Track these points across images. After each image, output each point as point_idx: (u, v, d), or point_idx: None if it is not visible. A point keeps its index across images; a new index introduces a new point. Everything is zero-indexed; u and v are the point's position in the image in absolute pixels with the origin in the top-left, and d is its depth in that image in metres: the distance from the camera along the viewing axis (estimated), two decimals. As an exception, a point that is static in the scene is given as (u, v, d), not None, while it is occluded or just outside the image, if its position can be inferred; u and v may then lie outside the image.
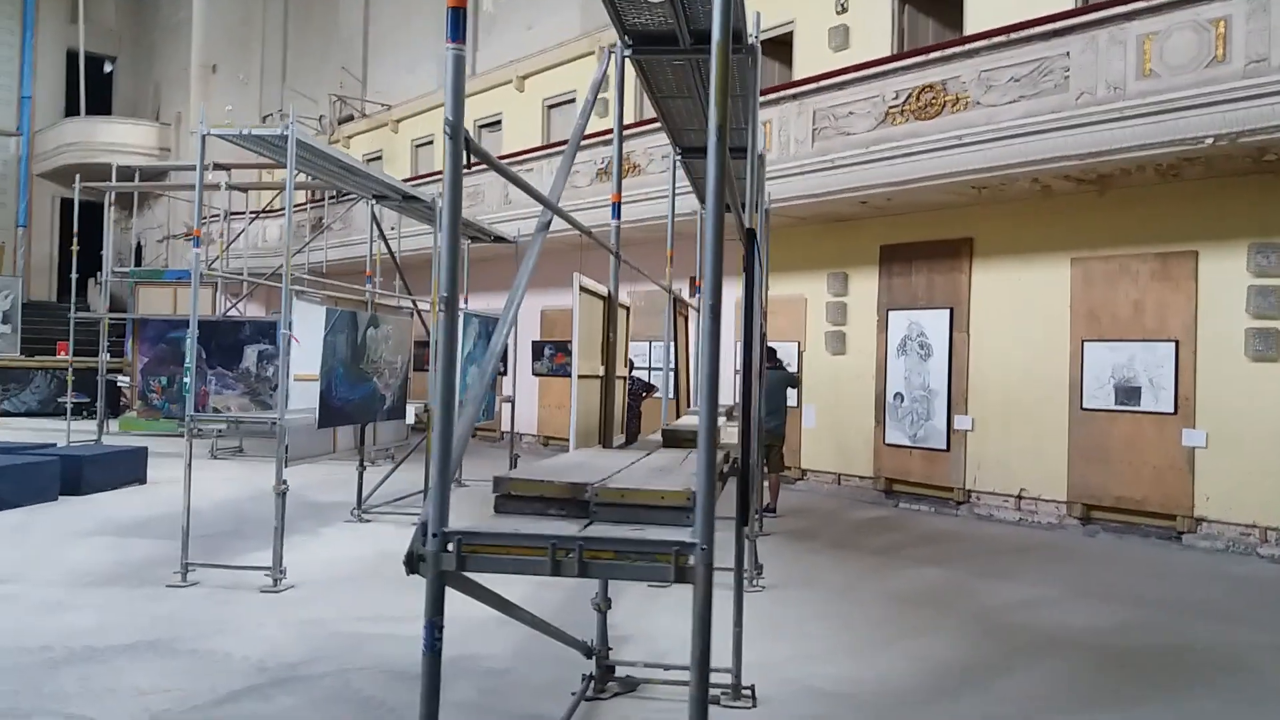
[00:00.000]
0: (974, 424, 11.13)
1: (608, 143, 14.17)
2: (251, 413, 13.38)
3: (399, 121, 21.77)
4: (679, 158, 7.38)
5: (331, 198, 20.25)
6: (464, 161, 2.52)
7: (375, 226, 10.31)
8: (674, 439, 5.23)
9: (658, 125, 13.57)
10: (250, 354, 14.55)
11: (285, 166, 7.01)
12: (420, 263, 14.53)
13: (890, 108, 10.10)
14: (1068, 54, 8.80)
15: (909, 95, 9.99)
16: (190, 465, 7.09)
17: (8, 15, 29.95)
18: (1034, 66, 9.03)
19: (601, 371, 4.94)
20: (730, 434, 5.83)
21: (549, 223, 3.75)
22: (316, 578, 7.23)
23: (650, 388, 12.46)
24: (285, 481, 6.88)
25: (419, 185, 12.39)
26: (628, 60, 5.07)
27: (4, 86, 29.95)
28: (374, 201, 9.93)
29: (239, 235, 18.70)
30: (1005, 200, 10.59)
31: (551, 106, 18.18)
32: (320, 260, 18.70)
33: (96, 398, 15.59)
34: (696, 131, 6.72)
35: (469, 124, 20.27)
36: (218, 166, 19.81)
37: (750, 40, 4.91)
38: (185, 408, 7.00)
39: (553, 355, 18.24)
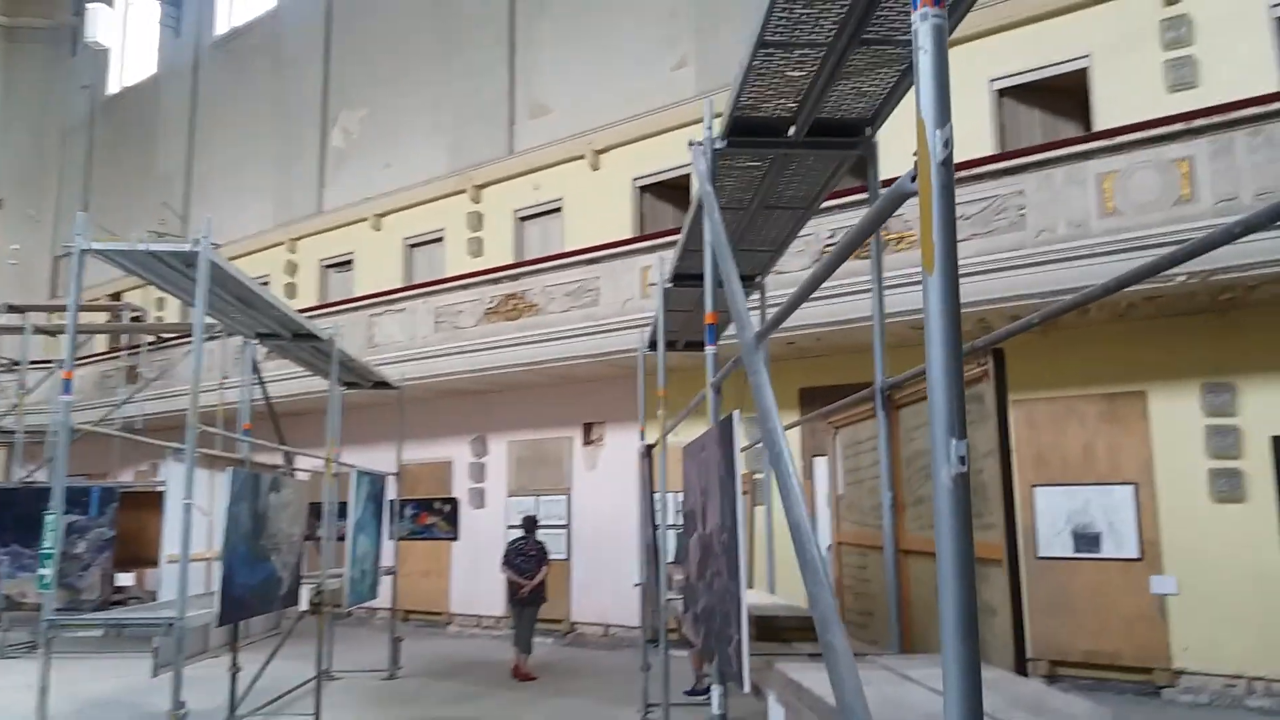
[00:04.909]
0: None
1: (494, 281, 13.09)
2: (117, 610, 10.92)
3: (230, 260, 19.85)
4: (667, 285, 6.49)
5: (150, 344, 17.97)
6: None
7: (254, 370, 8.68)
8: (773, 630, 4.07)
9: (554, 263, 12.69)
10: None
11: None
12: (284, 411, 12.70)
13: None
14: (1021, 192, 8.66)
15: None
16: (45, 689, 5.20)
17: None
18: (985, 205, 8.83)
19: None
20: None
21: (768, 331, 2.68)
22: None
23: (545, 554, 10.68)
24: (184, 704, 5.11)
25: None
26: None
27: None
28: (256, 341, 8.36)
29: (37, 386, 16.09)
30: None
31: (414, 246, 16.97)
32: (134, 414, 16.29)
33: None
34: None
35: (313, 263, 18.75)
36: (11, 309, 17.25)
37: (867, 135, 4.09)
38: (43, 607, 5.15)
39: (415, 515, 16.42)
